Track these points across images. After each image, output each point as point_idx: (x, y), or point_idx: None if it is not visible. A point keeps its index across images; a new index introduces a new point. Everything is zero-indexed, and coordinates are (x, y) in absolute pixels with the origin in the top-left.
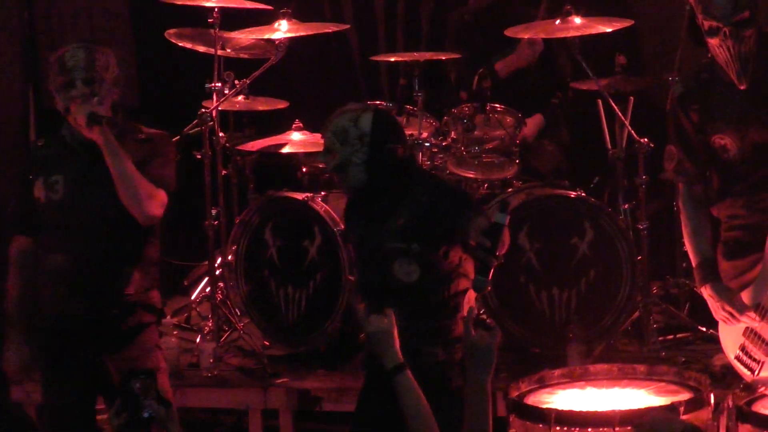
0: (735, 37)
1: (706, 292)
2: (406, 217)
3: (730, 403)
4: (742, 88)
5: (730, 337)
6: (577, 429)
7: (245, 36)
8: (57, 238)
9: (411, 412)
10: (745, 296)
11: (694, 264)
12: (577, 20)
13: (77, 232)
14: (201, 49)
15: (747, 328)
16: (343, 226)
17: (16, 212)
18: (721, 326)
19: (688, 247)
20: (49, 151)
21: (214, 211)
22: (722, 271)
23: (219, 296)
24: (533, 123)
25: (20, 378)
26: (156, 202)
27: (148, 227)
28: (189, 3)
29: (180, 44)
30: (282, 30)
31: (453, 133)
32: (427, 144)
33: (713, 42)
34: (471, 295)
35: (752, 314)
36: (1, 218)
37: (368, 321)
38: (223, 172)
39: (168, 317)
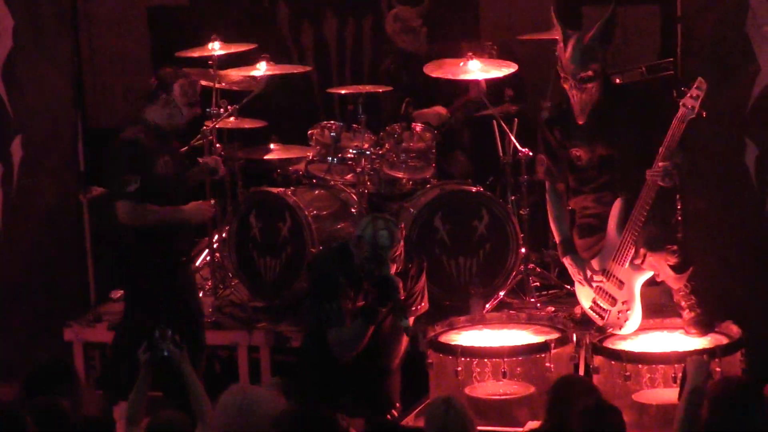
0: (578, 88)
1: (566, 261)
2: None
3: (588, 340)
4: (580, 122)
5: (585, 293)
6: (476, 359)
7: (235, 74)
8: (166, 201)
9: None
10: (595, 263)
11: (557, 241)
12: (478, 64)
13: (180, 195)
14: (203, 83)
15: (597, 286)
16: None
17: (136, 188)
18: (577, 286)
19: (553, 228)
20: (155, 140)
21: (212, 201)
22: (578, 247)
23: (216, 263)
24: (438, 110)
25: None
26: None
27: None
28: (195, 55)
29: None
30: (261, 69)
31: (387, 144)
32: (368, 152)
33: (565, 86)
34: None
35: (600, 276)
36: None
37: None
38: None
39: None
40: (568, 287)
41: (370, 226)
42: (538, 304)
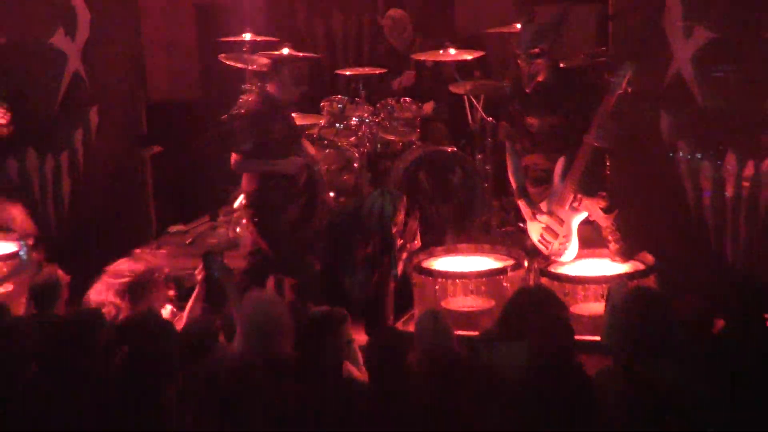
0: (527, 62)
1: (521, 204)
2: None
3: (536, 266)
4: (527, 91)
5: (534, 229)
6: (450, 280)
7: (264, 57)
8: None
9: None
10: (543, 206)
11: (514, 188)
12: (452, 51)
13: (289, 154)
14: (239, 65)
15: (544, 224)
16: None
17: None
18: (529, 223)
19: (511, 179)
20: (271, 109)
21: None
22: (530, 193)
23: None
24: (429, 105)
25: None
26: None
27: None
28: (230, 40)
29: (227, 62)
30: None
31: (382, 114)
32: (367, 120)
33: (519, 62)
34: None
35: (546, 216)
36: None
37: None
38: None
39: (221, 217)
40: (521, 225)
41: (378, 200)
42: (499, 239)
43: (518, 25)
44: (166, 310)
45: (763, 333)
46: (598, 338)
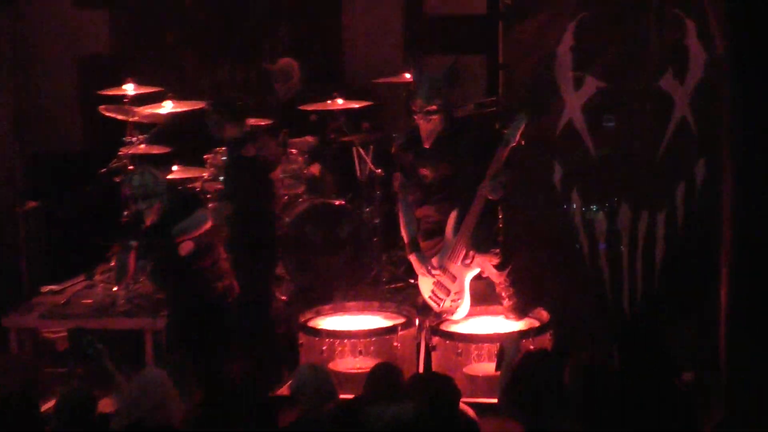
0: (424, 119)
1: (412, 258)
2: None
3: (427, 324)
4: (426, 146)
5: (425, 285)
6: (338, 340)
7: (141, 110)
8: None
9: None
10: (434, 261)
11: (406, 241)
12: (340, 101)
13: None
14: (120, 117)
15: (435, 279)
16: None
17: None
18: (420, 278)
19: (403, 232)
20: None
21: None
22: (423, 248)
23: None
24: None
25: None
26: None
27: None
28: (112, 93)
29: (108, 114)
30: (167, 107)
31: None
32: None
33: (416, 117)
34: None
35: (438, 271)
36: None
37: None
38: None
39: (97, 276)
40: (412, 281)
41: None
42: (388, 295)
43: (408, 75)
44: None
45: (661, 385)
46: (494, 400)
